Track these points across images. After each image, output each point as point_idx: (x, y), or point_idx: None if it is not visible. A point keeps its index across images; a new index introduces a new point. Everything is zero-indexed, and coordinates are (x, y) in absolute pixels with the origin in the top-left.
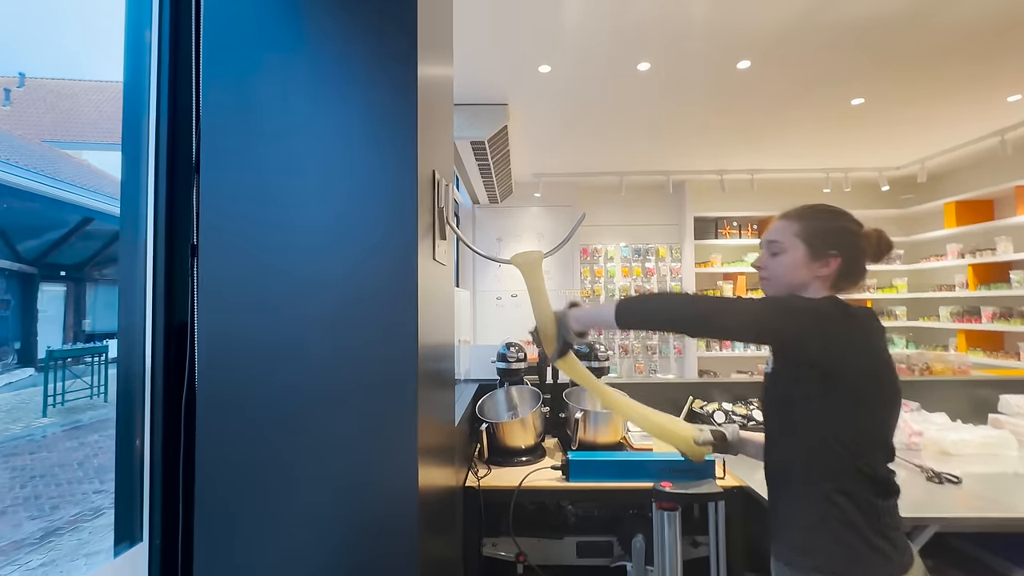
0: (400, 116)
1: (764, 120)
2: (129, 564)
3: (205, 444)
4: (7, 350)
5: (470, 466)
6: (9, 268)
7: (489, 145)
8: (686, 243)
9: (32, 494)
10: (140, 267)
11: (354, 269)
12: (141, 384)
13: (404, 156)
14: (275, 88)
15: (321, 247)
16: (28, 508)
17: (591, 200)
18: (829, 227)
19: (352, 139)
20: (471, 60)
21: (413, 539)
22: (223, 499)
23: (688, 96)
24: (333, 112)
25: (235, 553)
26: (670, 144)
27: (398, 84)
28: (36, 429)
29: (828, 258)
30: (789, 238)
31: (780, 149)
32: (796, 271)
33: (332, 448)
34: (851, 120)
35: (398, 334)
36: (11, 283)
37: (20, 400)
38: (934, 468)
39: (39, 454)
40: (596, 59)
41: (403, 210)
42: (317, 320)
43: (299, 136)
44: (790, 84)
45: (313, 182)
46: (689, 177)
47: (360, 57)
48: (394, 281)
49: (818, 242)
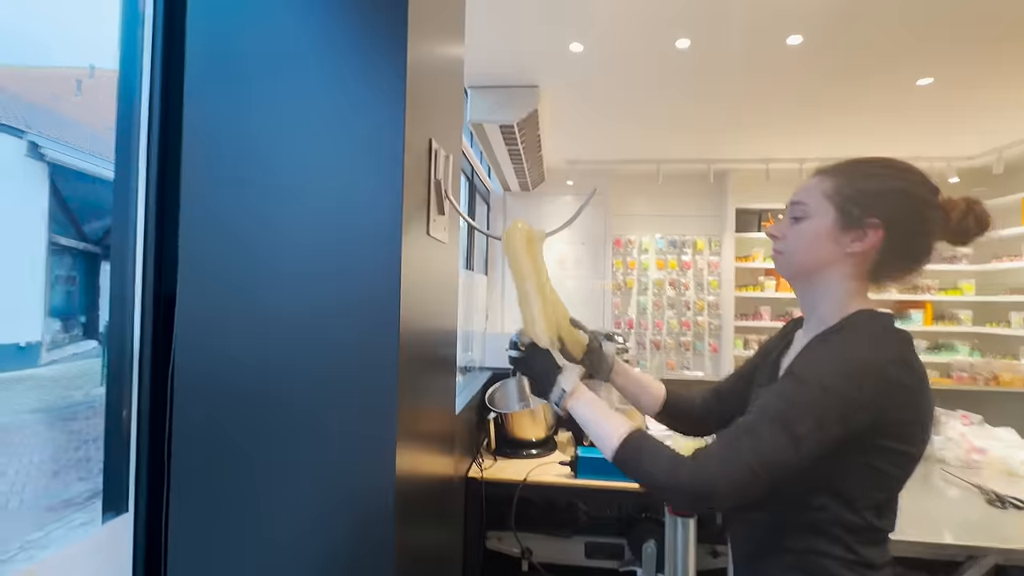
0: (386, 79)
1: (816, 103)
2: (114, 533)
3: (180, 422)
4: (74, 323)
5: (476, 456)
6: (76, 247)
7: (519, 129)
8: (726, 236)
9: (84, 456)
10: (131, 237)
11: (334, 239)
12: (129, 358)
13: (390, 120)
14: (262, 44)
15: (298, 216)
16: (79, 470)
17: (626, 189)
18: (875, 187)
19: (335, 103)
20: (499, 39)
21: (389, 525)
22: (196, 477)
23: (732, 77)
24: (316, 73)
25: (211, 537)
26: (712, 130)
27: (386, 44)
28: (96, 397)
29: (865, 228)
30: (817, 199)
31: (833, 136)
32: (817, 245)
33: (306, 429)
34: (917, 103)
35: (377, 312)
36: (77, 261)
37: (82, 370)
38: (997, 491)
39: (94, 419)
40: (631, 36)
41: (386, 177)
42: (293, 295)
43: (282, 98)
44: (847, 62)
45: (294, 146)
46: (732, 166)
47: (347, 10)
48: (374, 253)
49: (854, 206)
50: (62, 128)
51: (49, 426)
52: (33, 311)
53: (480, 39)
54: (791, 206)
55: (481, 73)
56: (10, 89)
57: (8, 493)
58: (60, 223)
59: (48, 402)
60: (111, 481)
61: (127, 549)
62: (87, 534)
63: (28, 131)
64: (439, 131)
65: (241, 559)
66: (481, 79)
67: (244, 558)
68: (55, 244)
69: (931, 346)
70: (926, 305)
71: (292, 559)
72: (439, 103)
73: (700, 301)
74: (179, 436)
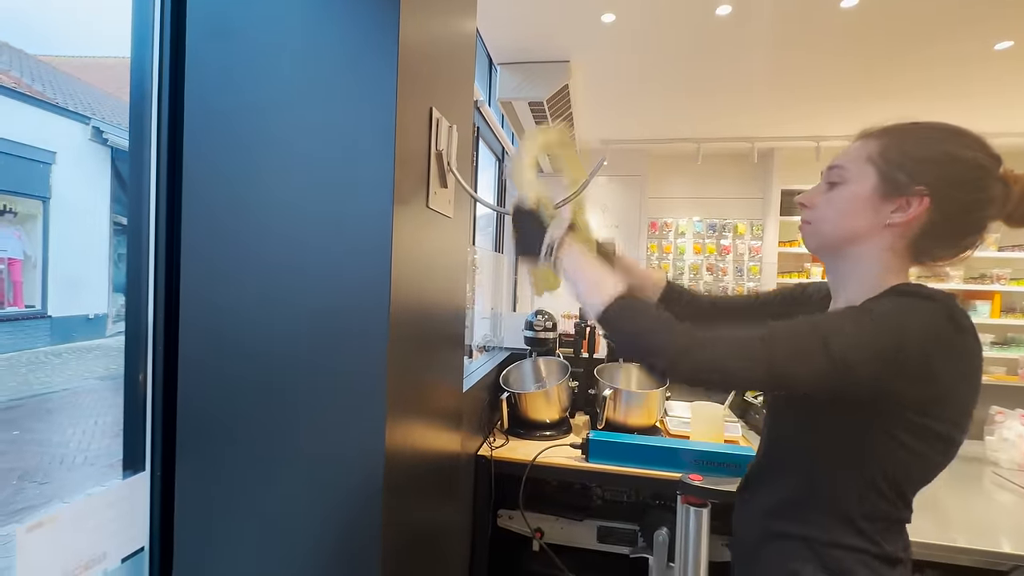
0: (377, 41)
1: (874, 73)
2: (132, 490)
3: (185, 389)
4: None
5: (487, 435)
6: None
7: (548, 106)
8: (770, 219)
9: None
10: (145, 211)
11: (328, 204)
12: (144, 328)
13: (380, 82)
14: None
15: (293, 183)
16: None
17: (663, 170)
18: (926, 151)
19: (328, 66)
20: (526, 10)
21: (376, 493)
22: (199, 441)
23: (778, 46)
24: (308, 38)
25: (213, 496)
26: (756, 106)
27: (379, 8)
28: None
29: (910, 197)
30: (857, 163)
31: (894, 109)
32: (852, 214)
33: (300, 397)
34: (993, 71)
35: (367, 282)
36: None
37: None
38: None
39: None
40: (667, 3)
41: (379, 142)
42: (288, 263)
43: (277, 62)
44: (911, 24)
45: (292, 112)
46: (779, 144)
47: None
48: (366, 220)
49: (899, 171)
50: (122, 114)
51: (115, 392)
52: (100, 286)
53: (508, 14)
54: (828, 170)
55: (509, 49)
56: (75, 77)
57: (76, 451)
58: (122, 203)
59: (114, 370)
60: (129, 442)
61: (143, 504)
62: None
63: (93, 117)
64: (442, 101)
65: (237, 521)
66: (509, 55)
67: (240, 520)
68: (117, 223)
69: (997, 340)
70: (994, 296)
71: (288, 515)
72: (443, 72)
73: (739, 287)
74: (184, 403)
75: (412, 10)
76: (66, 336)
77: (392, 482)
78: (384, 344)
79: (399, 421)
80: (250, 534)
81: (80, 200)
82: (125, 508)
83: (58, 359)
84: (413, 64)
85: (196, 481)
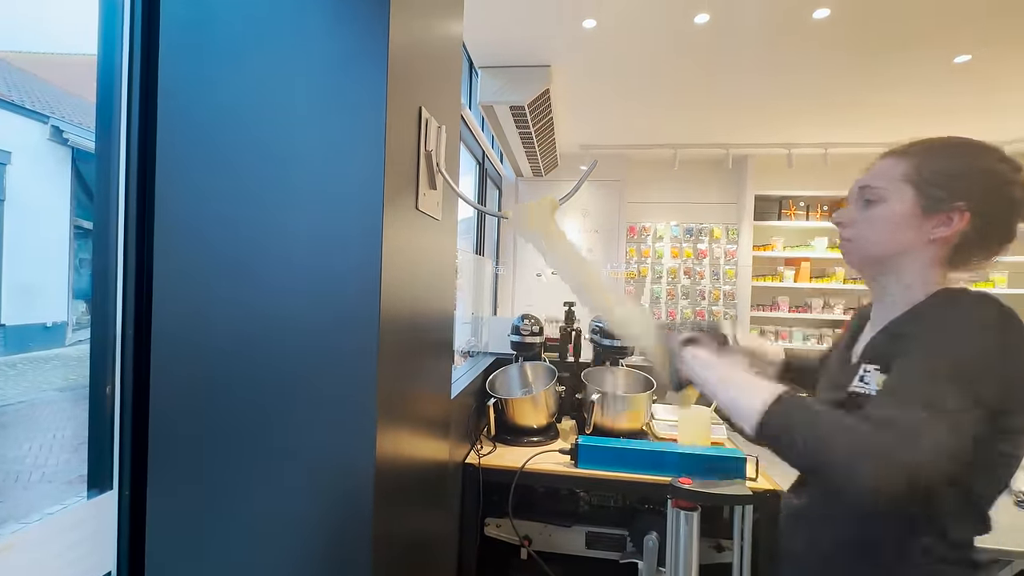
0: (368, 35)
1: (843, 84)
2: (97, 509)
3: (159, 401)
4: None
5: (474, 442)
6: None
7: (530, 111)
8: (744, 224)
9: None
10: (112, 213)
11: (315, 207)
12: (112, 335)
13: (369, 79)
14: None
15: (276, 184)
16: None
17: (641, 175)
18: (958, 167)
19: (313, 62)
20: (508, 16)
21: (366, 507)
22: (174, 457)
23: (753, 54)
24: (295, 34)
25: (190, 518)
26: (731, 113)
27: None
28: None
29: (952, 212)
30: (892, 182)
31: (861, 119)
32: (897, 231)
33: (283, 409)
34: (952, 83)
35: (356, 285)
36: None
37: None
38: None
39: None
40: (647, 11)
41: (368, 139)
42: (271, 269)
43: (257, 60)
44: (878, 38)
45: (272, 110)
46: (752, 151)
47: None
48: (353, 222)
49: (937, 188)
50: (84, 113)
51: (74, 403)
52: (59, 293)
53: (489, 17)
54: (861, 190)
55: (491, 53)
56: (31, 73)
57: (32, 467)
58: (83, 206)
59: (73, 380)
60: (95, 459)
61: (111, 525)
62: (67, 509)
63: (52, 116)
64: (431, 101)
65: (218, 539)
66: (491, 59)
67: (222, 538)
68: (79, 227)
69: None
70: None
71: (272, 535)
72: (432, 73)
73: (716, 290)
74: (157, 416)
75: (401, 8)
76: (21, 346)
77: (382, 495)
78: (374, 352)
79: (393, 431)
80: (231, 554)
81: (38, 202)
82: (90, 530)
83: (12, 370)
84: (403, 62)
85: (170, 499)
